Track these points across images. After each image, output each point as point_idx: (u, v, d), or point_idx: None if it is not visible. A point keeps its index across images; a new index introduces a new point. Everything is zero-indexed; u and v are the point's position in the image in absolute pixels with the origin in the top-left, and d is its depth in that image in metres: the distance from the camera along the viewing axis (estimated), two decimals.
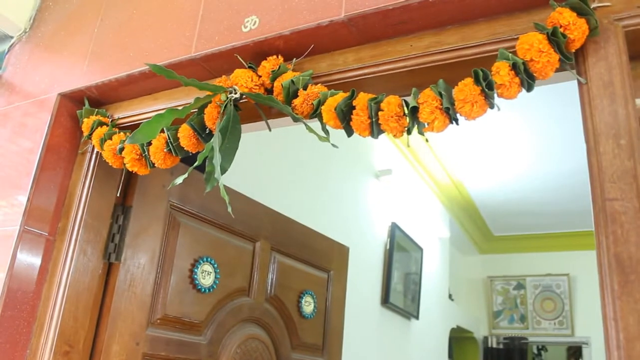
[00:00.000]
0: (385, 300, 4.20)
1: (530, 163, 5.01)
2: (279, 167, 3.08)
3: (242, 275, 2.07)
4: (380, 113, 1.10)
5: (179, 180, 1.29)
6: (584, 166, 1.01)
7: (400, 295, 4.47)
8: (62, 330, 1.48)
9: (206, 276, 1.88)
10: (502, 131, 4.39)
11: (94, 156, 1.65)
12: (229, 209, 1.18)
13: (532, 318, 7.15)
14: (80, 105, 1.68)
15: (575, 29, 1.00)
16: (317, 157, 3.40)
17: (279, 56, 1.32)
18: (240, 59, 1.36)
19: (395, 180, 4.44)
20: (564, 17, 1.00)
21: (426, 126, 1.08)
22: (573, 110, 3.82)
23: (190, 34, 1.45)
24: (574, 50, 1.04)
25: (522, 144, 4.64)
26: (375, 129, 1.13)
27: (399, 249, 4.50)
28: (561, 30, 1.00)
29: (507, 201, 5.99)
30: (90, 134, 1.59)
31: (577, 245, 6.72)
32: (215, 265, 1.92)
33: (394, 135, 1.11)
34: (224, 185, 1.20)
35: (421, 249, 5.01)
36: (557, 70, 1.06)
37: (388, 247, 4.35)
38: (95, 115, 1.64)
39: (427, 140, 1.14)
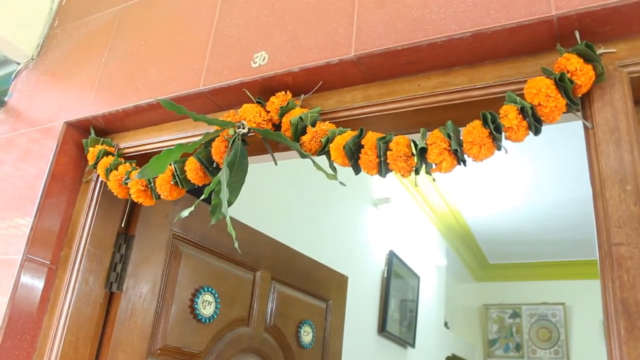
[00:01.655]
0: (382, 329, 4.17)
1: (526, 192, 5.03)
2: (279, 196, 3.08)
3: (242, 304, 2.06)
4: (388, 153, 1.11)
5: (185, 213, 1.30)
6: (580, 197, 1.03)
7: (396, 323, 4.45)
8: None
9: (207, 306, 1.88)
10: (499, 161, 4.41)
11: (98, 185, 1.66)
12: (236, 245, 1.19)
13: (528, 347, 7.11)
14: (86, 134, 1.69)
15: (582, 75, 1.01)
16: (316, 185, 3.40)
17: (288, 92, 1.33)
18: (248, 94, 1.37)
19: (393, 208, 4.44)
20: (571, 63, 1.02)
21: (434, 167, 1.09)
22: (569, 143, 3.85)
23: (199, 68, 1.46)
24: (580, 95, 1.06)
25: (519, 174, 4.67)
26: (383, 168, 1.14)
27: (396, 276, 4.49)
28: (568, 75, 1.02)
29: (503, 230, 5.99)
30: (96, 164, 1.60)
31: (573, 275, 6.72)
32: (216, 295, 1.91)
33: (402, 175, 1.12)
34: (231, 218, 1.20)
35: (418, 277, 5.00)
36: (563, 114, 1.07)
37: (385, 275, 4.34)
38: (101, 144, 1.65)
39: (434, 180, 1.16)
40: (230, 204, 1.25)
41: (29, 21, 1.95)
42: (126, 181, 1.49)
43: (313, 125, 1.25)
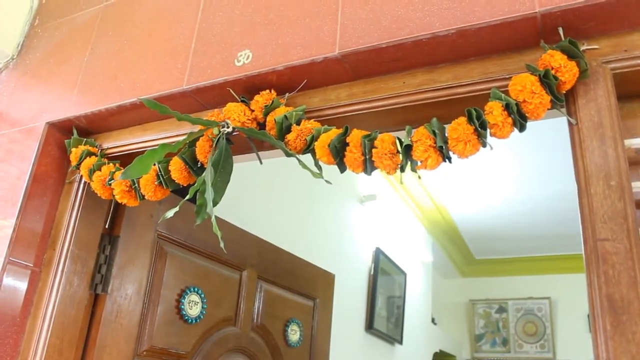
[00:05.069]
0: (370, 326, 4.18)
1: (511, 188, 5.06)
2: (264, 195, 3.07)
3: (228, 304, 2.05)
4: (374, 150, 1.11)
5: (170, 213, 1.28)
6: (565, 192, 1.03)
7: (384, 320, 4.46)
8: None
9: (193, 306, 1.86)
10: (485, 158, 4.43)
11: (81, 186, 1.64)
12: (222, 245, 1.18)
13: (514, 341, 7.16)
14: (69, 135, 1.67)
15: (566, 71, 1.02)
16: (302, 183, 3.40)
17: (272, 90, 1.32)
18: (232, 92, 1.36)
19: (379, 205, 4.45)
20: (555, 60, 1.02)
21: (419, 164, 1.09)
22: (554, 137, 3.87)
23: (183, 67, 1.45)
24: (564, 92, 1.06)
25: (504, 169, 4.69)
26: (368, 166, 1.14)
27: (383, 273, 4.50)
28: (553, 72, 1.02)
29: (489, 225, 6.02)
30: (79, 164, 1.58)
31: (558, 269, 6.78)
32: (202, 295, 1.90)
33: (387, 173, 1.12)
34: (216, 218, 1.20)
35: (405, 274, 5.01)
36: (548, 110, 1.08)
37: (372, 272, 4.34)
38: (84, 145, 1.62)
39: (419, 177, 1.15)
40: (215, 203, 1.24)
41: (8, 20, 1.92)
42: (110, 182, 1.47)
43: (298, 123, 1.24)
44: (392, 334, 4.63)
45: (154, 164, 1.38)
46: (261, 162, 1.39)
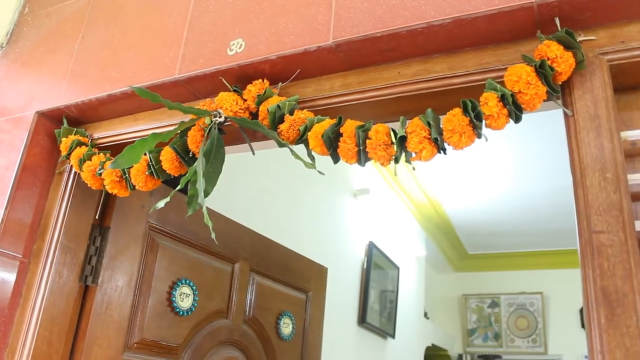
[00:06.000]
0: (362, 320, 4.18)
1: (505, 183, 5.06)
2: (257, 186, 3.05)
3: (220, 296, 2.03)
4: (368, 141, 1.10)
5: (161, 204, 1.27)
6: (558, 187, 1.02)
7: (376, 314, 4.46)
8: (35, 357, 1.43)
9: (184, 298, 1.85)
10: (479, 152, 4.43)
11: (71, 176, 1.62)
12: (213, 235, 1.16)
13: (506, 336, 7.19)
14: (59, 124, 1.65)
15: (563, 62, 1.01)
16: (295, 176, 3.38)
17: (265, 80, 1.31)
18: (225, 82, 1.35)
19: (372, 199, 4.44)
20: (551, 50, 1.01)
21: (414, 155, 1.08)
22: (549, 133, 3.85)
23: (174, 56, 1.43)
24: (560, 83, 1.05)
25: (498, 165, 4.69)
26: (362, 157, 1.12)
27: (376, 267, 4.50)
28: (549, 62, 1.01)
29: (482, 220, 6.03)
30: (69, 154, 1.56)
31: (551, 264, 6.80)
32: (194, 287, 1.89)
33: (381, 164, 1.11)
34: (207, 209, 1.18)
35: (398, 268, 5.01)
36: (544, 101, 1.07)
37: (365, 266, 4.34)
38: (74, 134, 1.60)
39: (414, 169, 1.14)
40: (207, 194, 1.22)
41: None
42: (100, 172, 1.45)
43: (291, 113, 1.23)
44: (385, 327, 4.63)
45: (145, 154, 1.36)
46: (254, 153, 1.37)
